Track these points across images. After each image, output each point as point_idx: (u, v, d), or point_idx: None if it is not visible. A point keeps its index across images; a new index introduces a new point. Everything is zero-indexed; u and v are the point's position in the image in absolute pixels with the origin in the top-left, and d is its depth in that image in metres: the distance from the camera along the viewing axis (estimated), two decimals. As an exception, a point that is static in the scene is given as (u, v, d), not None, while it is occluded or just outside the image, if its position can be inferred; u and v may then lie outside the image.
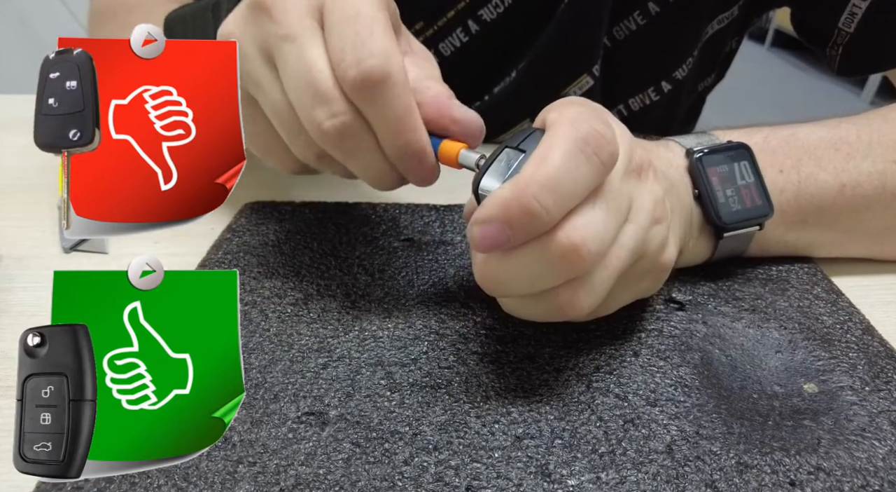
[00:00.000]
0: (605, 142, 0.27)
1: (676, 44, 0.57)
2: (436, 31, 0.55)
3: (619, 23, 0.55)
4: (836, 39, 0.53)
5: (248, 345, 0.33)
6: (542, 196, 0.26)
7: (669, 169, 0.37)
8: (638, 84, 0.59)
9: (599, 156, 0.27)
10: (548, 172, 0.26)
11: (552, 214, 0.26)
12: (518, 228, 0.26)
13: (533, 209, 0.26)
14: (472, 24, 0.55)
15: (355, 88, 0.29)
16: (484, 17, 0.55)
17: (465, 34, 0.55)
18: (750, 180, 0.38)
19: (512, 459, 0.28)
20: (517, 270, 0.28)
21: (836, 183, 0.39)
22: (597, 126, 0.27)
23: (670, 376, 0.32)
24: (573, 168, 0.26)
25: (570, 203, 0.27)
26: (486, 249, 0.27)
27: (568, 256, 0.27)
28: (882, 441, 0.29)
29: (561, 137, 0.27)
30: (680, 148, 0.38)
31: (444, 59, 0.57)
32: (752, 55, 3.33)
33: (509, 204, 0.26)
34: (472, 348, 0.34)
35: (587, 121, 0.27)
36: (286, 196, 0.47)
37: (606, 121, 0.29)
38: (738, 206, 0.37)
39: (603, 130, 0.27)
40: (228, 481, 0.27)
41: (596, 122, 0.27)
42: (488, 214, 0.27)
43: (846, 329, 0.36)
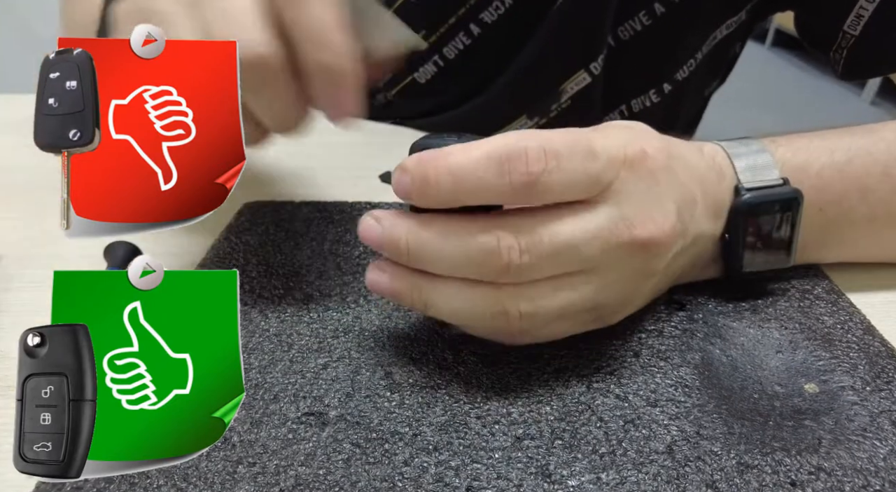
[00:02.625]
0: (523, 166, 0.27)
1: (681, 45, 0.57)
2: (439, 38, 0.56)
3: (625, 23, 0.55)
4: (841, 43, 0.53)
5: (248, 345, 0.33)
6: (441, 175, 0.28)
7: (705, 213, 0.34)
8: (640, 85, 0.59)
9: (511, 174, 0.27)
10: (459, 160, 0.28)
11: (442, 194, 0.28)
12: (416, 189, 0.28)
13: (429, 179, 0.28)
14: (474, 27, 0.55)
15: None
16: (485, 19, 0.55)
17: (468, 37, 0.56)
18: (785, 236, 0.36)
19: (512, 459, 0.28)
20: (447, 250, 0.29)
21: (870, 214, 0.38)
22: (532, 153, 0.27)
23: (671, 377, 0.32)
24: (481, 170, 0.28)
25: (468, 197, 0.28)
26: (398, 192, 0.29)
27: (490, 261, 0.28)
28: (883, 441, 0.29)
29: (495, 140, 0.28)
30: (730, 179, 0.35)
31: (448, 62, 0.57)
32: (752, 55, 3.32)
33: (417, 165, 0.28)
34: (472, 349, 0.34)
35: (531, 140, 0.28)
36: (286, 196, 0.47)
37: (559, 155, 0.28)
38: (761, 258, 0.35)
39: (535, 156, 0.27)
40: (228, 482, 0.27)
41: (539, 150, 0.27)
42: (405, 164, 0.29)
43: (847, 329, 0.36)
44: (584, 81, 0.56)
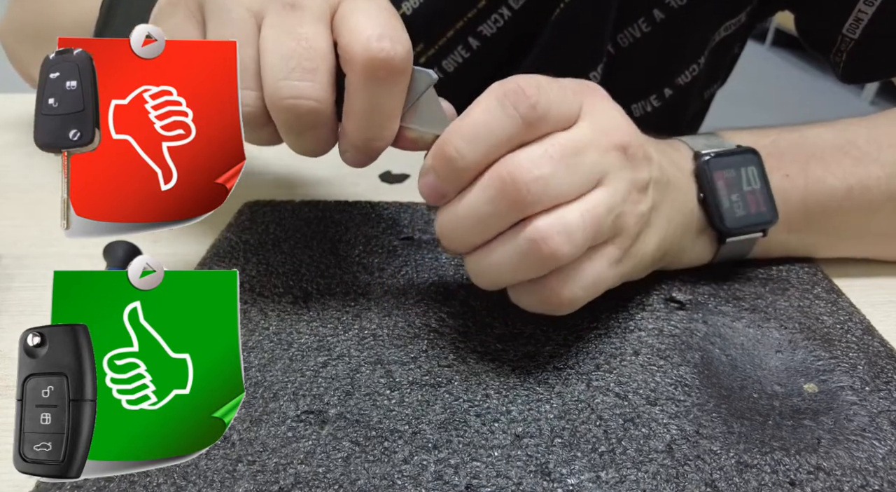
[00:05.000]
0: (523, 96, 0.29)
1: (681, 50, 0.57)
2: (437, 51, 0.55)
3: (624, 30, 0.55)
4: (840, 46, 0.53)
5: (248, 343, 0.33)
6: (457, 143, 0.29)
7: (671, 167, 0.37)
8: (641, 90, 0.59)
9: (517, 107, 0.29)
10: (464, 122, 0.29)
11: (467, 159, 0.29)
12: (442, 174, 0.29)
13: (449, 154, 0.29)
14: (473, 41, 0.55)
15: (376, 64, 0.29)
16: (484, 32, 0.54)
17: (467, 50, 0.55)
18: (756, 186, 0.38)
19: (512, 457, 0.28)
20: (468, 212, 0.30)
21: (844, 187, 0.39)
22: (523, 83, 0.29)
23: (670, 376, 0.32)
24: (488, 118, 0.29)
25: (488, 149, 0.29)
26: (429, 198, 0.31)
27: (506, 189, 0.28)
28: (882, 441, 0.29)
29: (486, 93, 0.29)
30: (688, 149, 0.38)
31: (447, 75, 0.57)
32: (752, 55, 3.32)
33: (433, 154, 0.30)
34: (471, 347, 0.34)
35: (517, 79, 0.29)
36: (286, 195, 0.47)
37: (541, 83, 0.29)
38: (742, 211, 0.37)
39: (526, 85, 0.29)
40: (228, 480, 0.27)
41: (528, 81, 0.29)
42: (424, 166, 0.30)
43: (846, 329, 0.36)
44: None
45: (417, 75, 0.31)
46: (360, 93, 0.30)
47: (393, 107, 0.31)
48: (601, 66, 0.55)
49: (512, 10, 0.53)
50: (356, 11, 0.30)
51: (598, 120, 0.31)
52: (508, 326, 0.35)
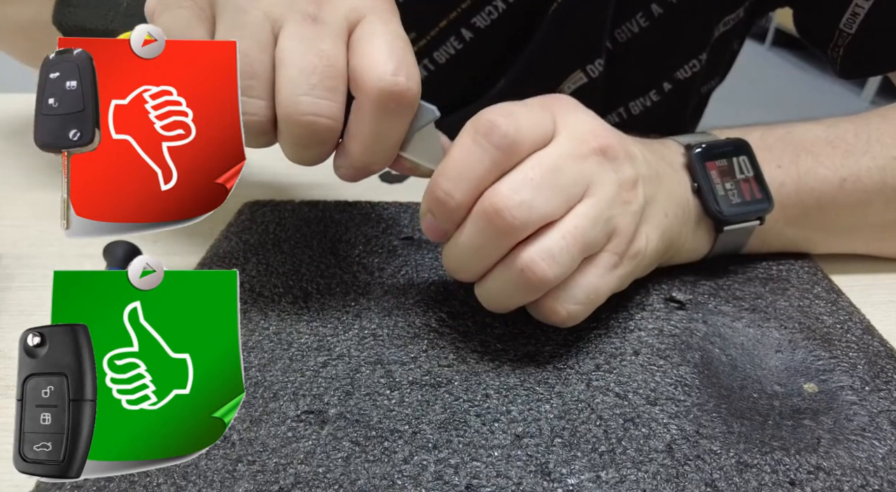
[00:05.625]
0: (494, 127, 0.30)
1: (680, 44, 0.57)
2: (429, 41, 0.55)
3: (622, 25, 0.55)
4: (837, 41, 0.53)
5: (248, 343, 0.33)
6: (444, 185, 0.30)
7: (660, 162, 0.37)
8: (640, 85, 0.59)
9: (489, 140, 0.30)
10: (447, 164, 0.30)
11: (456, 198, 0.30)
12: (437, 213, 0.31)
13: (439, 196, 0.30)
14: (466, 32, 0.55)
15: (388, 97, 0.29)
16: (477, 24, 0.54)
17: (459, 42, 0.55)
18: (749, 174, 0.38)
19: (512, 457, 0.28)
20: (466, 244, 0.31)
21: (836, 177, 0.39)
22: (491, 116, 0.30)
23: (670, 375, 0.32)
24: (466, 156, 0.30)
25: (473, 184, 0.30)
26: (433, 237, 0.32)
27: (492, 219, 0.29)
28: (882, 441, 0.29)
29: (462, 132, 0.31)
30: (678, 146, 0.39)
31: (438, 66, 0.57)
32: (752, 54, 3.33)
33: (427, 197, 0.31)
34: (471, 347, 0.34)
35: (485, 112, 0.30)
36: (286, 195, 0.47)
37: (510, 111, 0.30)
38: (738, 199, 0.37)
39: (494, 117, 0.30)
40: (228, 480, 0.27)
41: (495, 111, 0.30)
42: (422, 209, 0.32)
43: (846, 329, 0.36)
44: (581, 81, 0.56)
45: (422, 109, 0.32)
46: (367, 119, 0.30)
47: (396, 136, 0.32)
48: (599, 61, 0.55)
49: (507, 2, 0.53)
50: (374, 37, 0.30)
51: (572, 130, 0.32)
52: (508, 326, 0.35)
